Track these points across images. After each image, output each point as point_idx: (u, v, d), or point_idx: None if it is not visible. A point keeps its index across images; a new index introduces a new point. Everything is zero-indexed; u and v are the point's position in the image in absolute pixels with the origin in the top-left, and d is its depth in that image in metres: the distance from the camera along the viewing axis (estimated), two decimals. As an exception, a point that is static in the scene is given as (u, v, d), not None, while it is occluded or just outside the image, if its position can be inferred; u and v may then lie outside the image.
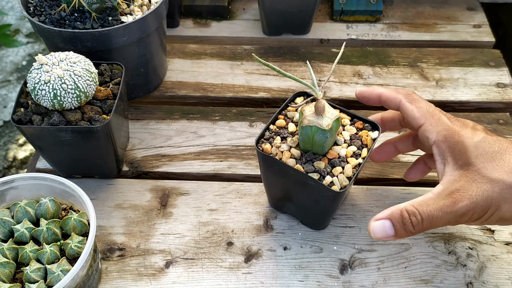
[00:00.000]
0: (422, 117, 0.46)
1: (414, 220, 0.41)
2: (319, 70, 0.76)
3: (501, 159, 0.42)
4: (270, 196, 0.57)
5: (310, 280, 0.52)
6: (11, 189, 0.50)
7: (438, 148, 0.45)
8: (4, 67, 1.67)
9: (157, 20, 0.63)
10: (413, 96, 0.48)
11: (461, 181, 0.42)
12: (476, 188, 0.41)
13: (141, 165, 0.63)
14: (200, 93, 0.73)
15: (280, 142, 0.50)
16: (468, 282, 0.52)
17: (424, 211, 0.41)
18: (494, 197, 0.41)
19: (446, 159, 0.44)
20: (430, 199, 0.42)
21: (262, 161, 0.51)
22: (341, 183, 0.47)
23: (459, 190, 0.41)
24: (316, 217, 0.54)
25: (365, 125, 0.51)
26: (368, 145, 0.49)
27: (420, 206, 0.42)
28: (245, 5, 0.88)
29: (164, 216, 0.58)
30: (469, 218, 0.42)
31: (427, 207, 0.41)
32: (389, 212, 0.43)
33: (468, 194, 0.41)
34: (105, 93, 0.56)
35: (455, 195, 0.41)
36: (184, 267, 0.53)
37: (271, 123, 0.51)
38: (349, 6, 0.83)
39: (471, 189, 0.41)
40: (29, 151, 1.46)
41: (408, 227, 0.42)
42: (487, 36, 0.82)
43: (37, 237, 0.47)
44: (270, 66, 0.43)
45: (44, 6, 0.63)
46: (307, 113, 0.45)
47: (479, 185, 0.41)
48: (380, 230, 0.42)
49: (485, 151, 0.42)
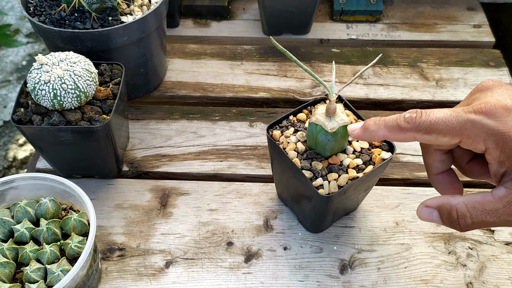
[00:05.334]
0: (454, 135, 0.37)
1: (462, 223, 0.38)
2: (319, 70, 0.76)
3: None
4: (276, 184, 0.57)
5: (310, 280, 0.52)
6: (11, 189, 0.50)
7: (491, 155, 0.37)
8: (4, 67, 1.67)
9: (157, 20, 0.63)
10: (421, 119, 0.38)
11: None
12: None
13: (141, 165, 0.63)
14: (200, 93, 0.73)
15: (291, 133, 0.50)
16: (468, 282, 0.52)
17: (477, 216, 0.37)
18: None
19: (504, 163, 0.37)
20: (488, 202, 0.37)
21: (269, 146, 0.51)
22: (330, 189, 0.46)
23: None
24: (310, 217, 0.54)
25: (383, 143, 0.50)
26: (376, 163, 0.48)
27: (474, 209, 0.37)
28: (245, 5, 0.88)
29: (164, 216, 0.58)
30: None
31: (482, 212, 0.37)
32: (439, 203, 0.39)
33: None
34: (105, 93, 0.56)
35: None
36: (184, 267, 0.53)
37: (292, 114, 0.52)
38: (349, 6, 0.83)
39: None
40: (29, 151, 1.46)
41: (454, 225, 0.38)
42: (487, 36, 0.82)
43: (37, 237, 0.47)
44: (288, 54, 0.43)
45: (44, 6, 0.63)
46: (318, 112, 0.45)
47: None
48: (427, 217, 0.40)
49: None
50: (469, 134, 0.36)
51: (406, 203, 0.59)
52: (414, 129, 0.38)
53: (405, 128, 0.38)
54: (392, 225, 0.57)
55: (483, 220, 0.37)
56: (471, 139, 0.36)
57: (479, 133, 0.36)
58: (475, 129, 0.36)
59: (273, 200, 0.59)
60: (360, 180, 0.47)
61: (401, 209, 0.58)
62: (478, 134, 0.36)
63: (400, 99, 0.72)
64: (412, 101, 0.72)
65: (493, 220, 0.37)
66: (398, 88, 0.73)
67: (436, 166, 0.43)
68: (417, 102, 0.72)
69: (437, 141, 0.37)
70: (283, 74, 0.76)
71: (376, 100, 0.72)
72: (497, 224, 0.38)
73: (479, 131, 0.36)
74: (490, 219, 0.37)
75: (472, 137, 0.36)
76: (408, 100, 0.72)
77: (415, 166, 0.63)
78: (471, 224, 0.38)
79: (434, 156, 0.43)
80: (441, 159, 0.43)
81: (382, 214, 0.58)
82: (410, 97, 0.72)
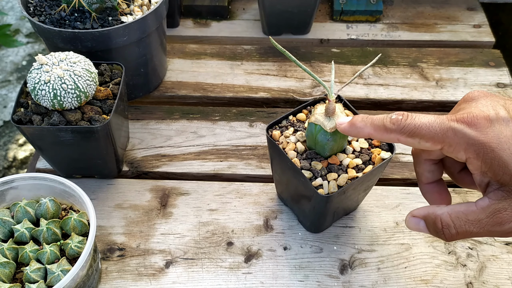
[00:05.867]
0: (436, 141, 0.37)
1: (447, 233, 0.38)
2: (319, 70, 0.76)
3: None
4: (276, 184, 0.57)
5: (310, 280, 0.52)
6: (11, 189, 0.50)
7: (473, 165, 0.38)
8: (4, 67, 1.67)
9: (157, 20, 0.63)
10: (405, 122, 0.38)
11: (509, 199, 0.36)
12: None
13: (141, 165, 0.63)
14: (200, 93, 0.73)
15: (291, 133, 0.50)
16: (468, 282, 0.52)
17: (461, 226, 0.37)
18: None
19: (486, 173, 0.37)
20: (472, 213, 0.37)
21: (268, 146, 0.51)
22: (329, 189, 0.46)
23: (507, 209, 0.36)
24: (310, 217, 0.54)
25: (382, 143, 0.50)
26: (376, 163, 0.48)
27: (458, 219, 0.38)
28: (245, 5, 0.88)
29: (164, 216, 0.58)
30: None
31: (466, 222, 0.37)
32: (425, 213, 0.40)
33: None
34: (105, 93, 0.56)
35: (502, 215, 0.36)
36: (184, 267, 0.53)
37: (292, 114, 0.52)
38: (349, 6, 0.83)
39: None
40: (29, 151, 1.46)
41: (439, 235, 0.39)
42: (487, 36, 0.82)
43: (37, 237, 0.47)
44: (287, 54, 0.43)
45: (44, 6, 0.63)
46: (318, 111, 0.45)
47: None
48: (414, 227, 0.41)
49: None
50: (450, 142, 0.37)
51: (406, 203, 0.59)
52: (398, 131, 0.38)
53: (390, 129, 0.39)
54: (392, 225, 0.57)
55: (466, 230, 0.38)
56: (452, 147, 0.37)
57: (460, 142, 0.36)
58: (456, 137, 0.36)
59: (273, 200, 0.59)
60: (359, 180, 0.47)
61: (401, 209, 0.58)
62: (459, 142, 0.36)
63: (400, 99, 0.72)
64: (412, 101, 0.72)
65: (477, 231, 0.37)
66: (398, 88, 0.73)
67: (426, 176, 0.44)
68: (417, 102, 0.72)
69: (419, 145, 0.38)
70: (283, 74, 0.76)
71: (376, 100, 0.72)
72: (481, 235, 0.38)
73: (460, 140, 0.36)
74: (474, 229, 0.37)
75: (453, 145, 0.37)
76: (408, 100, 0.72)
77: (415, 166, 0.63)
78: (455, 234, 0.38)
79: (424, 166, 0.44)
80: (431, 169, 0.44)
81: (382, 214, 0.58)
82: (410, 97, 0.72)
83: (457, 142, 0.36)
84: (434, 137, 0.37)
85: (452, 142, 0.37)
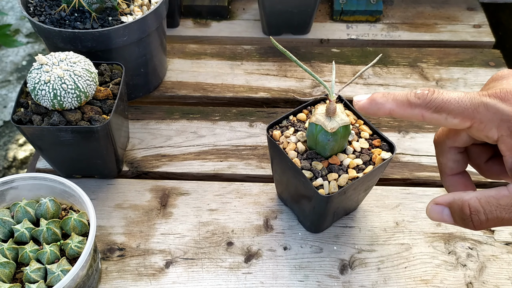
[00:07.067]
0: (466, 117, 0.34)
1: (475, 219, 0.35)
2: (319, 70, 0.76)
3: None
4: (276, 184, 0.57)
5: (310, 280, 0.52)
6: (11, 189, 0.50)
7: (505, 144, 0.35)
8: (4, 67, 1.67)
9: (157, 20, 0.63)
10: (432, 96, 0.36)
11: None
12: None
13: (141, 165, 0.63)
14: (200, 93, 0.73)
15: (291, 133, 0.50)
16: (468, 282, 0.52)
17: (491, 212, 0.34)
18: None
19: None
20: (504, 197, 0.34)
21: (269, 146, 0.51)
22: (330, 189, 0.46)
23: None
24: (310, 217, 0.54)
25: (383, 143, 0.49)
26: (376, 163, 0.48)
27: (488, 204, 0.34)
28: (245, 5, 0.88)
29: (164, 216, 0.58)
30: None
31: (497, 208, 0.34)
32: (451, 199, 0.37)
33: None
34: (105, 93, 0.56)
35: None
36: (184, 267, 0.53)
37: (292, 114, 0.52)
38: (349, 6, 0.83)
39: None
40: (29, 151, 1.46)
41: (467, 223, 0.36)
42: (487, 36, 0.82)
43: (37, 237, 0.47)
44: (288, 54, 0.43)
45: (44, 6, 0.63)
46: (318, 112, 0.45)
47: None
48: (437, 216, 0.38)
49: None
50: (482, 118, 0.33)
51: (406, 203, 0.59)
52: (423, 106, 0.35)
53: (415, 104, 0.36)
54: (392, 225, 0.57)
55: (498, 216, 0.35)
56: (483, 124, 0.34)
57: (492, 118, 0.33)
58: (488, 113, 0.33)
59: (273, 200, 0.59)
60: (360, 180, 0.47)
61: (401, 209, 0.58)
62: (491, 119, 0.33)
63: (400, 99, 0.72)
64: (412, 101, 0.72)
65: (509, 217, 0.34)
66: (398, 88, 0.73)
67: (450, 167, 0.41)
68: (417, 102, 0.72)
69: (446, 122, 0.35)
70: (283, 74, 0.76)
71: (376, 100, 0.72)
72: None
73: (493, 116, 0.33)
74: (506, 215, 0.34)
75: (485, 121, 0.33)
76: (408, 100, 0.72)
77: (415, 166, 0.63)
78: (485, 221, 0.35)
79: (448, 155, 0.41)
80: (456, 158, 0.41)
81: (382, 214, 0.58)
82: (410, 97, 0.72)
83: (489, 118, 0.33)
84: (464, 112, 0.34)
85: (484, 118, 0.33)
